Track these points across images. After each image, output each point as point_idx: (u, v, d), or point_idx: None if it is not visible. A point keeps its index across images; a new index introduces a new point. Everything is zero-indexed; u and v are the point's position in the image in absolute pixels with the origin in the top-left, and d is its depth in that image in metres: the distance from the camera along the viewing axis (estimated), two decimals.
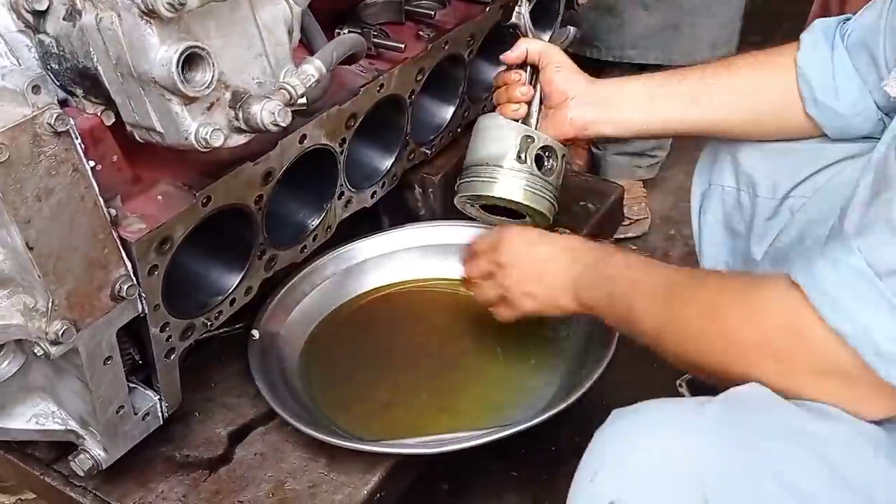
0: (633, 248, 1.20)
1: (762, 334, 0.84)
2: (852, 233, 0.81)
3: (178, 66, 0.80)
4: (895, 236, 0.76)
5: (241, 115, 0.86)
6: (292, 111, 0.90)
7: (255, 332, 1.29)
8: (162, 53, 0.80)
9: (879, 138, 0.99)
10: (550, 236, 1.19)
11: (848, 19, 1.19)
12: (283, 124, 0.86)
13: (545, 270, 1.15)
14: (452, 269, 1.44)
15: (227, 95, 0.88)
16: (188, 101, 0.84)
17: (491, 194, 1.29)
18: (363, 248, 1.46)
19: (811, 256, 0.82)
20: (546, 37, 1.65)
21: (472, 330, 1.39)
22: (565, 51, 1.35)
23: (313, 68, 0.92)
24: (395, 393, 1.29)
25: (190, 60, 0.82)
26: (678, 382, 1.56)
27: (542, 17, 1.61)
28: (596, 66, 2.01)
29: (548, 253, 1.16)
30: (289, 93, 0.89)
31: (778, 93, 1.19)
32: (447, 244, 1.47)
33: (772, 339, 0.83)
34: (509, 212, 1.35)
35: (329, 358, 1.35)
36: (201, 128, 0.85)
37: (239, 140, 0.90)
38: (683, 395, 1.52)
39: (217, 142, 0.85)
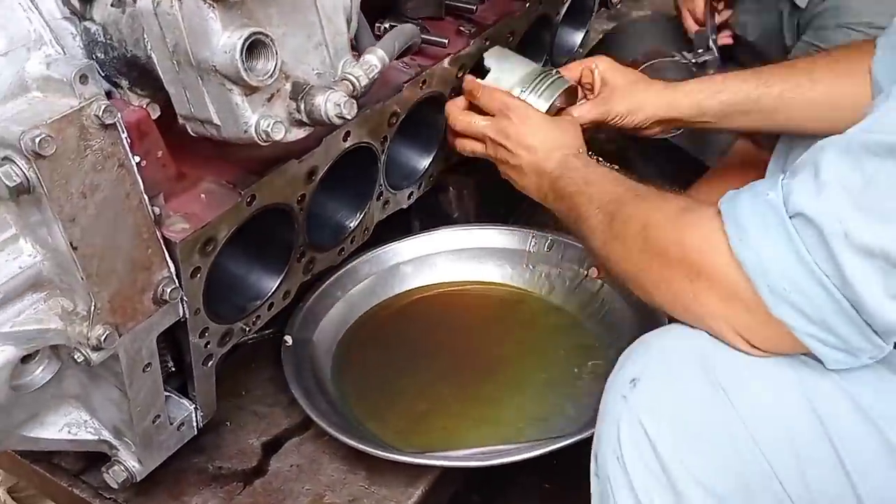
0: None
1: (682, 253, 0.86)
2: (787, 172, 0.82)
3: (241, 53, 0.75)
4: (816, 180, 0.77)
5: (303, 106, 0.81)
6: None
7: (289, 339, 1.24)
8: (224, 40, 0.75)
9: None
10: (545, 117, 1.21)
11: None
12: (349, 116, 0.82)
13: (548, 137, 1.17)
14: (487, 271, 1.42)
15: (288, 86, 0.83)
16: (249, 91, 0.79)
17: None
18: (395, 252, 1.41)
19: (747, 186, 0.85)
20: (580, 35, 1.62)
21: (510, 334, 1.34)
22: None
23: (376, 58, 0.88)
24: (432, 401, 1.24)
25: (252, 48, 0.77)
26: None
27: (576, 15, 1.57)
28: None
29: (539, 133, 1.18)
30: (352, 83, 0.84)
31: (854, 103, 1.12)
32: (481, 248, 1.43)
33: (689, 259, 0.86)
34: None
35: (363, 364, 1.30)
36: (262, 120, 0.80)
37: (299, 134, 0.85)
38: None
39: (279, 135, 0.80)
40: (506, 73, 1.25)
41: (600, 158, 1.19)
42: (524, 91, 1.23)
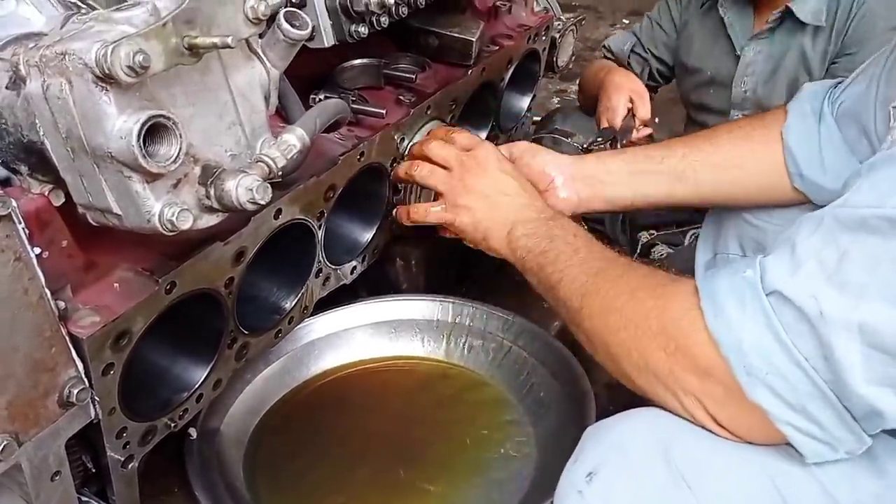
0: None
1: (661, 325, 0.84)
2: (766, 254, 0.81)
3: (139, 139, 0.69)
4: (792, 256, 0.76)
5: (213, 192, 0.75)
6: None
7: (193, 431, 1.15)
8: (120, 124, 0.69)
9: None
10: (522, 175, 1.18)
11: (839, 83, 1.14)
12: (262, 202, 0.76)
13: (498, 198, 1.13)
14: (407, 346, 1.37)
15: (197, 170, 0.77)
16: (151, 178, 0.73)
17: None
18: (310, 328, 1.33)
19: (727, 264, 0.86)
20: (527, 100, 1.59)
21: (433, 412, 1.28)
22: None
23: (295, 138, 0.82)
24: (350, 493, 1.16)
25: (153, 132, 0.71)
26: None
27: (521, 80, 1.55)
28: None
29: (511, 186, 1.14)
30: (268, 166, 0.78)
31: (763, 168, 1.16)
32: (401, 320, 1.37)
33: (667, 331, 0.83)
34: None
35: (276, 455, 1.21)
36: (166, 208, 0.74)
37: (210, 221, 0.79)
38: None
39: (185, 224, 0.74)
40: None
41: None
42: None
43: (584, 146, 1.72)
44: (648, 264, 0.99)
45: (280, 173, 0.80)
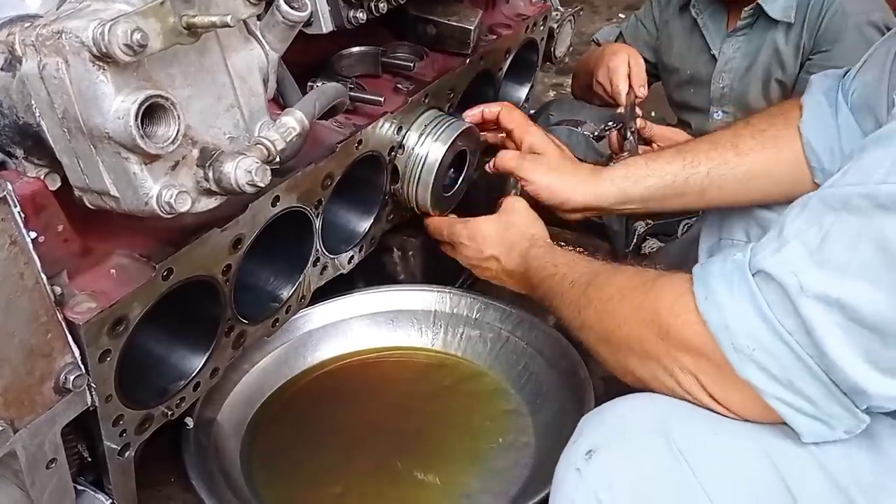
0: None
1: (653, 313, 0.86)
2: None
3: (136, 119, 0.68)
4: (779, 238, 0.78)
5: (211, 174, 0.74)
6: None
7: (189, 421, 1.14)
8: (117, 104, 0.68)
9: None
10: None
11: (848, 72, 1.14)
12: (262, 184, 0.75)
13: (502, 242, 1.21)
14: (405, 336, 1.36)
15: (195, 152, 0.76)
16: (149, 159, 0.72)
17: None
18: (307, 319, 1.32)
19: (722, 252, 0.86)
20: (525, 90, 1.59)
21: (430, 403, 1.27)
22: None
23: (294, 120, 0.81)
24: (348, 483, 1.16)
25: (151, 112, 0.70)
26: None
27: (519, 70, 1.54)
28: None
29: (503, 232, 1.22)
30: (267, 148, 0.77)
31: (788, 170, 1.15)
32: (398, 310, 1.37)
33: (660, 318, 0.85)
34: None
35: (273, 445, 1.21)
36: (164, 190, 0.73)
37: (209, 204, 0.78)
38: None
39: (183, 206, 0.73)
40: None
41: (562, 243, 1.17)
42: (422, 136, 1.25)
43: (595, 134, 1.71)
44: (637, 262, 1.02)
45: (279, 156, 0.79)
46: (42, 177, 0.82)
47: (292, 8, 0.81)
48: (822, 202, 0.76)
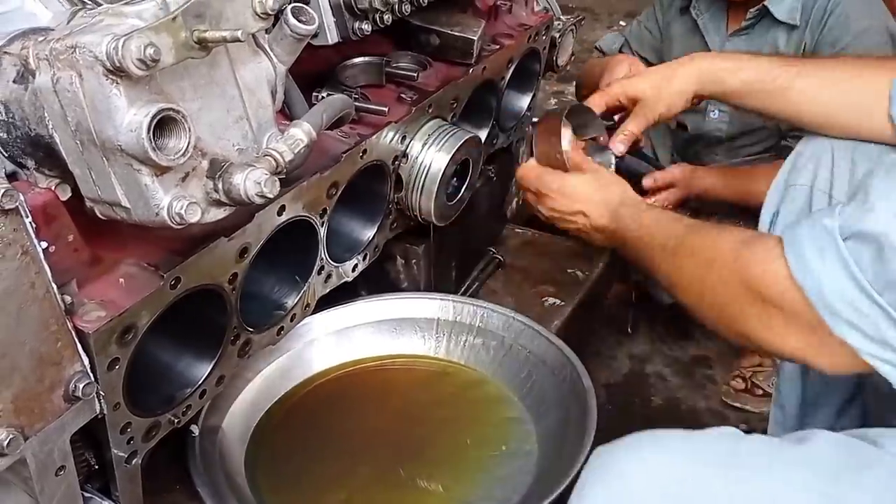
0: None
1: (746, 281, 0.91)
2: (844, 199, 0.89)
3: (148, 132, 0.69)
4: (865, 202, 0.81)
5: (221, 186, 0.76)
6: None
7: (195, 428, 1.14)
8: (130, 117, 0.69)
9: None
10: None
11: None
12: (271, 195, 0.76)
13: (591, 198, 1.25)
14: (408, 344, 1.37)
15: (205, 164, 0.77)
16: (160, 171, 0.73)
17: None
18: (311, 327, 1.32)
19: (808, 216, 0.90)
20: (527, 99, 1.60)
21: (434, 410, 1.28)
22: None
23: (302, 132, 0.83)
24: (352, 490, 1.16)
25: (162, 125, 0.71)
26: None
27: (522, 79, 1.55)
28: None
29: (595, 190, 1.26)
30: (275, 160, 0.79)
31: (866, 113, 1.17)
32: (402, 318, 1.37)
33: (752, 286, 0.90)
34: None
35: (278, 453, 1.21)
36: (175, 201, 0.74)
37: (218, 214, 0.79)
38: None
39: (193, 217, 0.74)
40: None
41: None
42: (426, 146, 1.27)
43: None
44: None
45: (287, 167, 0.81)
46: (53, 188, 0.83)
47: (300, 21, 0.82)
48: None
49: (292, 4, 0.82)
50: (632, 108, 1.36)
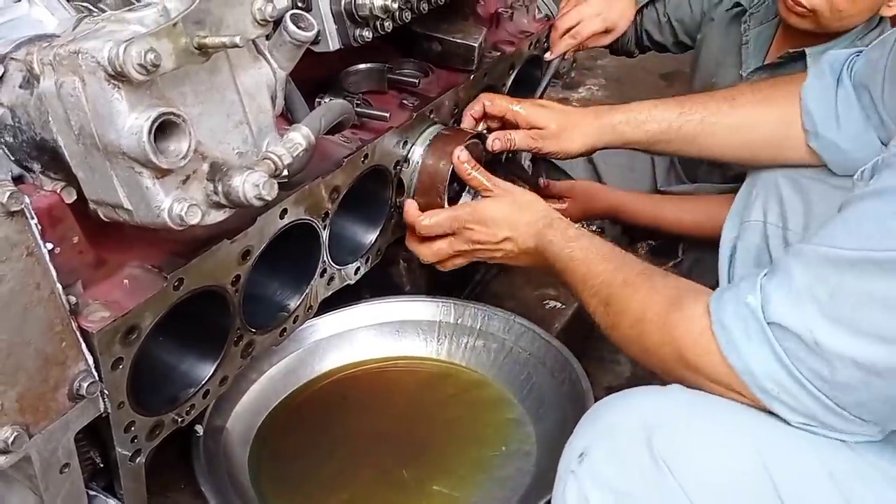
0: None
1: (677, 352, 0.92)
2: (765, 270, 0.88)
3: (149, 135, 0.71)
4: (790, 288, 0.82)
5: (220, 188, 0.77)
6: None
7: (199, 428, 1.16)
8: (131, 121, 0.71)
9: None
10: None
11: (860, 52, 1.17)
12: (269, 198, 0.77)
13: (513, 221, 1.20)
14: (410, 346, 1.38)
15: (205, 167, 0.79)
16: (161, 174, 0.75)
17: None
18: (314, 329, 1.34)
19: (733, 284, 0.90)
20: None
21: (435, 412, 1.29)
22: None
23: (301, 136, 0.84)
24: (354, 491, 1.18)
25: (163, 129, 0.73)
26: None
27: (524, 86, 1.57)
28: None
29: (515, 211, 1.21)
30: (274, 163, 0.80)
31: (780, 126, 1.20)
32: (403, 321, 1.39)
33: (684, 358, 0.91)
34: None
35: (281, 453, 1.23)
36: (176, 204, 0.75)
37: (218, 216, 0.81)
38: None
39: (194, 219, 0.76)
40: None
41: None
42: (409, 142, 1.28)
43: None
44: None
45: (286, 170, 0.82)
46: (58, 190, 0.85)
47: (299, 28, 0.84)
48: (826, 260, 0.81)
49: (292, 11, 0.84)
50: (525, 128, 1.33)
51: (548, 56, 1.61)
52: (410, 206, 1.25)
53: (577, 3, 1.63)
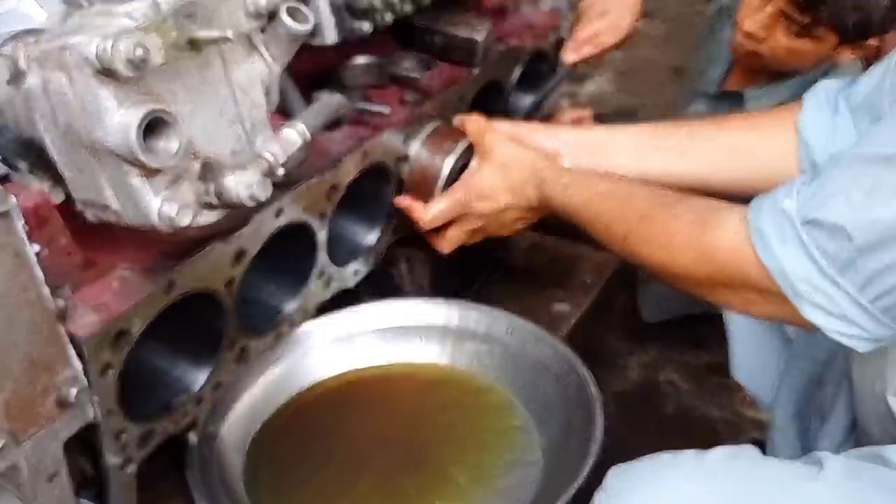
0: None
1: (713, 269, 0.93)
2: (804, 177, 0.90)
3: (138, 133, 0.68)
4: (823, 190, 0.85)
5: (212, 188, 0.74)
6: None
7: (193, 436, 1.12)
8: (119, 118, 0.68)
9: None
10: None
11: (853, 82, 1.14)
12: (262, 198, 0.75)
13: (505, 181, 1.20)
14: (411, 350, 1.34)
15: (197, 166, 0.76)
16: (150, 173, 0.72)
17: None
18: (311, 333, 1.29)
19: (770, 192, 0.91)
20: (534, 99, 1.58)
21: (436, 418, 1.25)
22: None
23: (296, 133, 0.81)
24: (354, 498, 1.13)
25: (153, 126, 0.70)
26: None
27: (530, 80, 1.53)
28: None
29: (501, 173, 1.21)
30: (268, 162, 0.77)
31: (774, 155, 1.17)
32: (403, 324, 1.34)
33: (721, 271, 0.92)
34: None
35: (277, 461, 1.19)
36: (165, 204, 0.73)
37: (210, 218, 0.78)
38: None
39: (184, 220, 0.73)
40: None
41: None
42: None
43: None
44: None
45: (281, 169, 0.79)
46: (46, 190, 0.82)
47: (295, 21, 0.81)
48: (865, 159, 0.84)
49: (287, 3, 0.81)
50: None
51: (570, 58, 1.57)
52: (406, 203, 1.25)
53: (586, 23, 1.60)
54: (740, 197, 1.22)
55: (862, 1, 1.41)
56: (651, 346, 1.93)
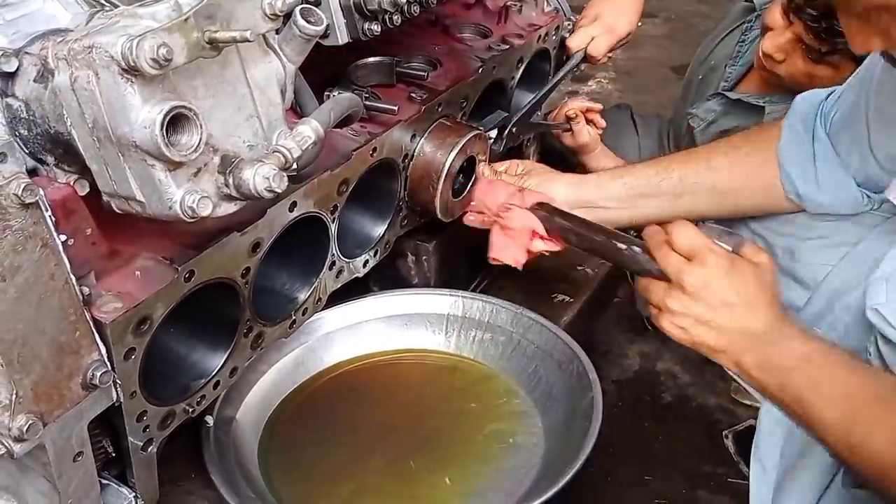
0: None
1: None
2: None
3: (162, 128, 0.72)
4: None
5: (231, 181, 0.78)
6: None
7: (210, 419, 1.17)
8: (144, 114, 0.72)
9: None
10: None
11: (830, 94, 1.18)
12: (279, 190, 0.78)
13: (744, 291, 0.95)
14: (418, 338, 1.39)
15: (216, 160, 0.80)
16: (173, 166, 0.76)
17: None
18: (323, 321, 1.34)
19: None
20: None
21: (443, 404, 1.30)
22: None
23: (310, 129, 0.85)
24: (362, 481, 1.19)
25: (175, 122, 0.74)
26: (724, 433, 1.61)
27: (532, 79, 1.57)
28: None
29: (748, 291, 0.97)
30: (284, 156, 0.81)
31: (760, 188, 1.22)
32: (412, 314, 1.39)
33: None
34: None
35: (290, 444, 1.24)
36: (187, 196, 0.77)
37: (229, 208, 0.82)
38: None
39: (205, 211, 0.77)
40: None
41: None
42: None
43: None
44: None
45: (295, 163, 0.83)
46: (72, 183, 0.86)
47: (308, 22, 0.85)
48: None
49: (301, 6, 0.85)
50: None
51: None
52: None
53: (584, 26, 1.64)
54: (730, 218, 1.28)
55: None
56: (651, 338, 1.96)
